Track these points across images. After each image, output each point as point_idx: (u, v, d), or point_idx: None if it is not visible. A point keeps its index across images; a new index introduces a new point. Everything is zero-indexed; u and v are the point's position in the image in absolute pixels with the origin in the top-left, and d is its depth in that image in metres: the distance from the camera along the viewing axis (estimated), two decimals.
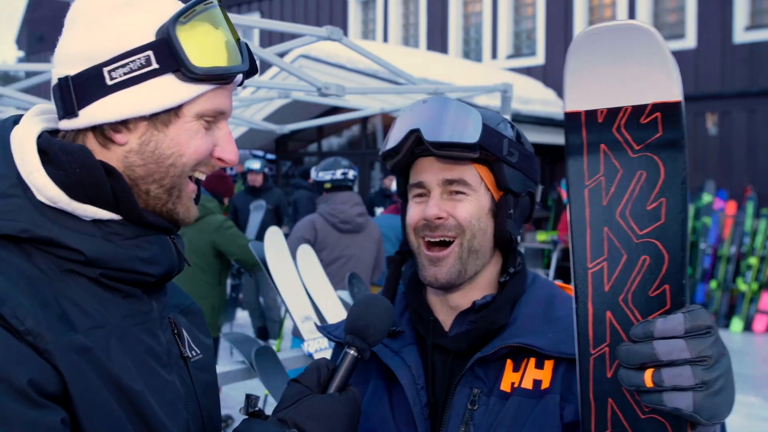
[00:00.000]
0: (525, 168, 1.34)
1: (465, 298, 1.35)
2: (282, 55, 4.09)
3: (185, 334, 1.16)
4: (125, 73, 1.00)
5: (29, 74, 8.18)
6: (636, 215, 0.97)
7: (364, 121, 13.34)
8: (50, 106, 1.10)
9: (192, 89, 1.03)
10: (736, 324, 9.76)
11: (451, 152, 1.27)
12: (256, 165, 8.22)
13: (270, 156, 14.32)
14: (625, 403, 0.98)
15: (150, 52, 1.01)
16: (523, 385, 1.25)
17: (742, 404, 6.53)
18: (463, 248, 1.30)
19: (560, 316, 1.29)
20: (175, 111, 1.04)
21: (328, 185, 5.01)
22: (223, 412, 5.89)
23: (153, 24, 1.02)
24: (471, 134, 1.25)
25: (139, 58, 1.00)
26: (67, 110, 1.03)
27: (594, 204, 1.00)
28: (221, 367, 3.10)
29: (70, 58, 1.03)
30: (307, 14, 16.81)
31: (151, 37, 1.01)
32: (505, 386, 1.26)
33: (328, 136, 14.79)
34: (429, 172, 1.32)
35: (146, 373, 1.02)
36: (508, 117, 4.55)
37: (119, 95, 1.01)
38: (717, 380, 0.89)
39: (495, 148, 1.28)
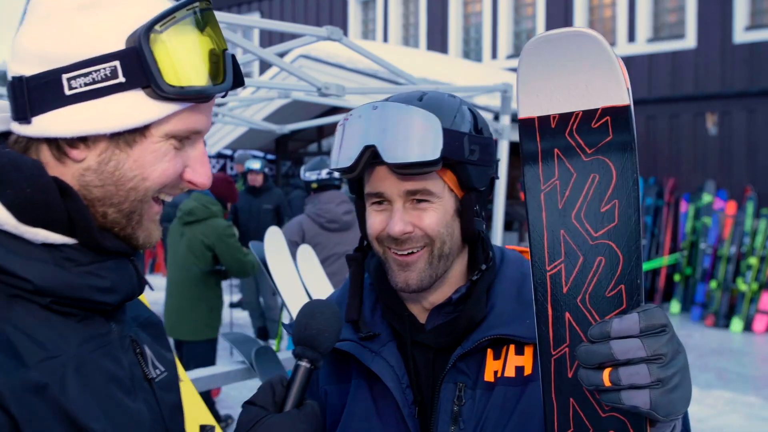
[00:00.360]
0: (485, 159, 1.27)
1: (438, 295, 1.32)
2: (282, 55, 4.09)
3: (148, 351, 1.06)
4: (86, 84, 0.88)
5: None
6: (591, 217, 0.99)
7: None
8: (3, 103, 0.99)
9: (162, 108, 0.91)
10: (736, 324, 9.75)
11: (413, 171, 1.20)
12: (256, 165, 8.23)
13: (270, 156, 14.32)
14: (586, 402, 1.00)
15: (117, 63, 0.88)
16: (506, 374, 1.25)
17: (742, 404, 6.52)
18: (433, 255, 1.26)
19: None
20: (141, 130, 0.92)
21: (314, 185, 5.03)
22: (223, 412, 5.89)
23: (124, 29, 0.89)
24: (433, 148, 1.18)
25: (103, 68, 0.88)
26: (19, 115, 0.91)
27: (550, 208, 1.02)
28: (221, 367, 3.10)
29: (27, 55, 0.90)
30: (307, 14, 16.81)
31: (120, 45, 0.89)
32: (488, 376, 1.26)
33: (328, 136, 14.79)
34: (388, 182, 1.24)
35: (108, 405, 0.92)
36: (507, 117, 4.55)
37: (77, 108, 0.89)
38: (672, 377, 0.91)
39: (457, 153, 1.22)
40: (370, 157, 1.22)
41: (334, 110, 10.44)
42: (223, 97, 1.02)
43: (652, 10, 12.50)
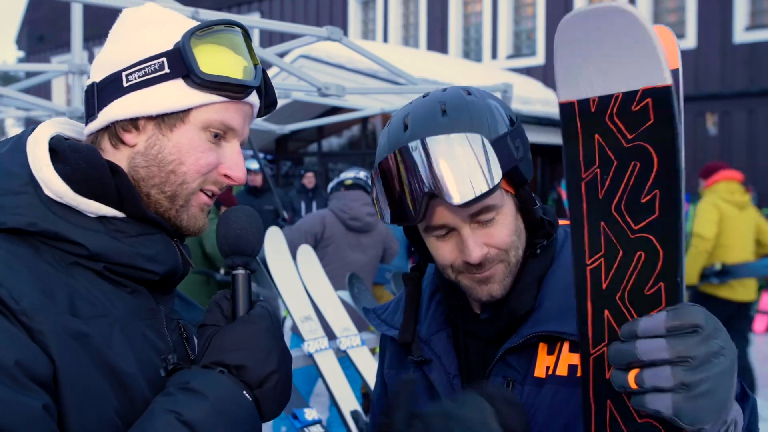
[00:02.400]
0: (527, 147, 1.20)
1: None
2: (282, 55, 4.09)
3: (196, 341, 1.14)
4: (140, 76, 1.08)
5: (29, 74, 8.16)
6: (631, 209, 0.93)
7: (364, 121, 13.34)
8: (71, 120, 1.19)
9: (199, 96, 1.08)
10: None
11: (479, 201, 1.13)
12: (254, 165, 8.23)
13: (270, 156, 14.32)
14: (623, 405, 0.95)
15: (164, 59, 1.08)
16: (558, 372, 1.19)
17: None
18: (510, 264, 1.21)
19: None
20: (181, 116, 1.09)
21: (348, 182, 5.03)
22: None
23: (173, 38, 1.09)
24: (494, 172, 1.11)
25: (153, 64, 1.08)
26: (89, 113, 1.11)
27: (590, 198, 0.96)
28: None
29: (98, 68, 1.12)
30: (307, 14, 16.82)
31: (168, 47, 1.09)
32: (539, 371, 1.20)
33: (328, 136, 14.79)
34: (449, 213, 1.16)
35: (145, 365, 1.03)
36: None
37: (132, 95, 1.08)
38: (701, 383, 0.85)
39: (509, 161, 1.14)
40: (429, 199, 1.14)
41: (334, 110, 10.44)
42: (259, 115, 1.18)
43: (652, 10, 12.50)
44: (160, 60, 1.08)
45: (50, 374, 0.91)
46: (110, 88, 1.09)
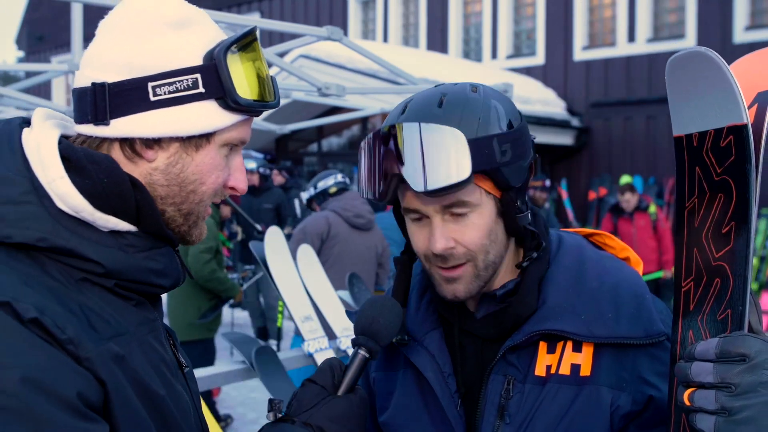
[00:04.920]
0: (520, 153, 1.18)
1: (487, 285, 1.27)
2: (282, 55, 4.09)
3: (178, 345, 1.18)
4: (170, 92, 1.00)
5: (29, 74, 8.17)
6: (715, 238, 1.02)
7: (364, 121, 13.34)
8: (53, 111, 1.09)
9: (229, 117, 1.04)
10: None
11: (443, 193, 1.14)
12: (251, 165, 8.26)
13: (270, 156, 14.32)
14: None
15: (198, 75, 1.01)
16: (560, 371, 1.20)
17: None
18: (477, 267, 1.21)
19: (591, 288, 1.24)
20: (207, 137, 1.04)
21: (333, 189, 4.99)
22: (223, 411, 5.88)
23: (202, 47, 1.03)
24: (460, 169, 1.11)
25: (186, 80, 1.01)
26: (98, 117, 1.00)
27: (690, 225, 1.06)
28: (221, 367, 3.10)
29: (110, 65, 1.01)
30: (307, 14, 16.82)
31: (198, 60, 1.02)
32: (539, 371, 1.21)
33: (328, 136, 14.79)
34: (421, 200, 1.18)
35: (163, 381, 1.03)
36: None
37: (160, 112, 1.00)
38: (742, 409, 0.90)
39: (488, 162, 1.14)
40: (399, 181, 1.16)
41: (334, 110, 10.44)
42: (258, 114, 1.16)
43: (652, 10, 12.50)
44: (193, 76, 1.01)
45: (102, 400, 0.91)
46: (132, 97, 1.00)
